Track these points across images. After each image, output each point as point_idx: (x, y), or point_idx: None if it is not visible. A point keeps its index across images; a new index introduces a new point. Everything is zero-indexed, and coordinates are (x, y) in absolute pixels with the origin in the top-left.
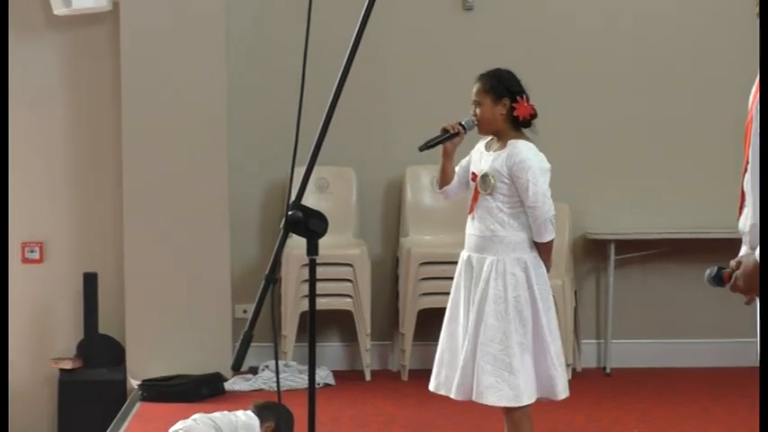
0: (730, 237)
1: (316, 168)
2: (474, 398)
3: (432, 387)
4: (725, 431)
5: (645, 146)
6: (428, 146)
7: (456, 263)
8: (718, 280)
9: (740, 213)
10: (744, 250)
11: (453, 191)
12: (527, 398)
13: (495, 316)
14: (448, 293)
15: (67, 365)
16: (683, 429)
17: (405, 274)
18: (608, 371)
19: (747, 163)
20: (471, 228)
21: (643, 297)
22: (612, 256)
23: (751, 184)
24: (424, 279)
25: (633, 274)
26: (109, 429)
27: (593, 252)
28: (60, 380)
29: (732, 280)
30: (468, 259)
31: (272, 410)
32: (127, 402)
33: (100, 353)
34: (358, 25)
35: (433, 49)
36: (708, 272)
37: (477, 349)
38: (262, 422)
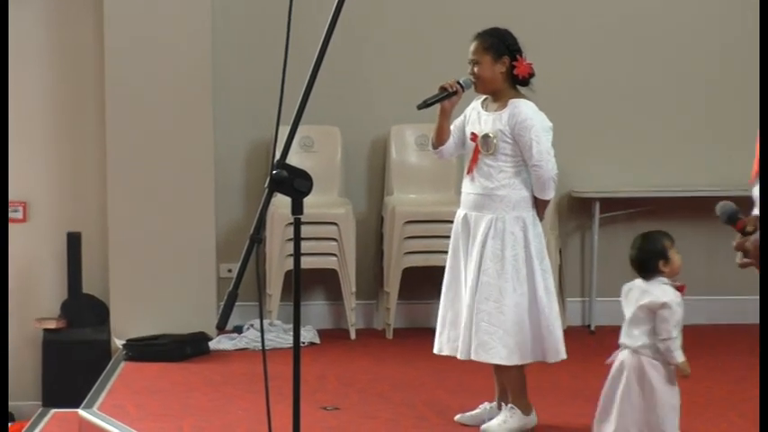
0: (715, 195)
1: (300, 127)
2: (472, 356)
3: (435, 349)
4: (707, 386)
5: (630, 105)
6: (426, 104)
7: (441, 221)
8: (731, 221)
9: (754, 179)
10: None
11: (449, 150)
12: (519, 357)
13: (493, 274)
14: (432, 252)
15: (51, 325)
16: None
17: (389, 233)
18: (592, 329)
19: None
20: (470, 186)
21: (628, 255)
22: (597, 215)
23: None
24: (408, 238)
25: (618, 232)
26: (93, 389)
27: (578, 210)
28: (44, 340)
29: (742, 232)
30: (465, 218)
31: None
32: (111, 362)
33: (84, 313)
34: None
35: (418, 7)
36: (725, 205)
37: (475, 307)
38: None
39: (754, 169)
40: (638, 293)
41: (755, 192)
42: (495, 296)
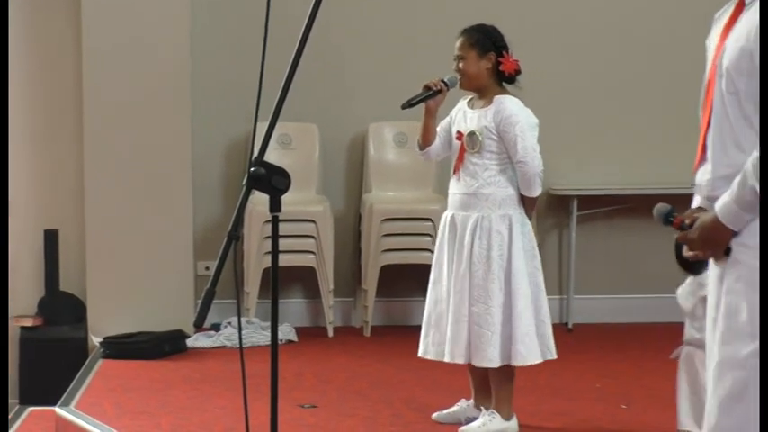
0: (692, 192)
1: (278, 124)
2: (473, 361)
3: (420, 352)
4: None
5: (608, 102)
6: (410, 104)
7: (419, 219)
8: (667, 221)
9: (698, 166)
10: (697, 201)
11: (436, 151)
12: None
13: (481, 276)
14: (410, 249)
15: (28, 323)
16: (645, 383)
17: (367, 231)
18: (570, 326)
19: (710, 119)
20: (456, 187)
21: (605, 252)
22: (575, 212)
23: (712, 140)
24: (386, 235)
25: (596, 229)
26: (70, 386)
27: (556, 208)
28: (21, 337)
29: (680, 228)
30: (453, 219)
31: None
32: (88, 360)
33: (61, 310)
34: None
35: (397, 4)
36: (660, 207)
37: (465, 310)
38: None
39: (696, 158)
40: (695, 287)
41: (698, 178)
42: (484, 298)
